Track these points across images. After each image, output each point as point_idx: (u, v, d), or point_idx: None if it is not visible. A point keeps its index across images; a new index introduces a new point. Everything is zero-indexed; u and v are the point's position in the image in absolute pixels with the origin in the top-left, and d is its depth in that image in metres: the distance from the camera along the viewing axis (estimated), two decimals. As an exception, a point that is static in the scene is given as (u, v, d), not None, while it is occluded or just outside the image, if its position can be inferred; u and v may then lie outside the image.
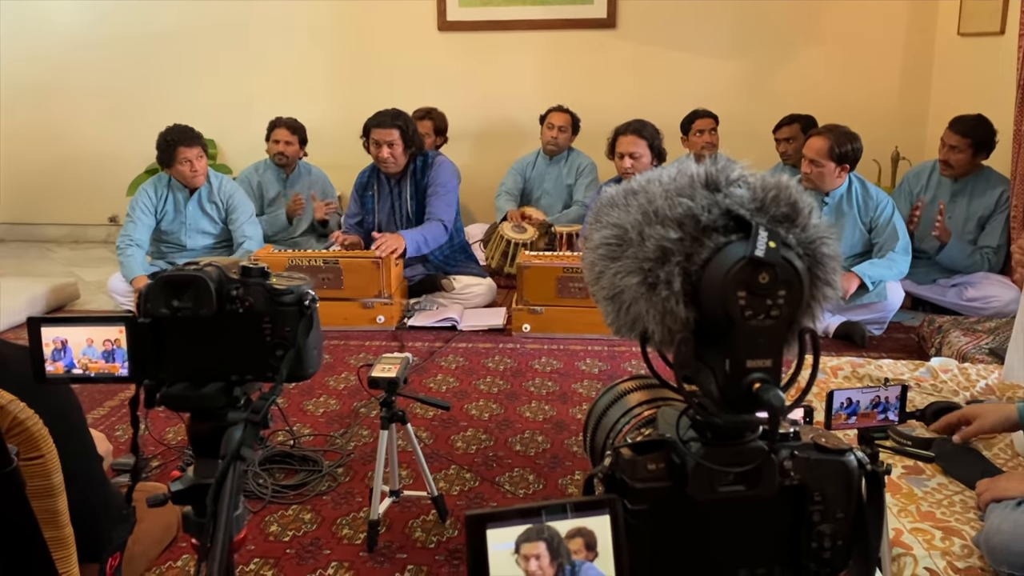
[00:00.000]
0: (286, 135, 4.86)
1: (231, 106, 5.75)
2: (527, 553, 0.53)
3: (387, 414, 2.12)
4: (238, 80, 5.76)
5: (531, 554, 0.53)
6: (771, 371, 0.52)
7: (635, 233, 0.54)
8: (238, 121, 5.69)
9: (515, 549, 0.53)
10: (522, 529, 0.52)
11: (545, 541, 0.53)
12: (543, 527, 0.53)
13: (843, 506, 0.56)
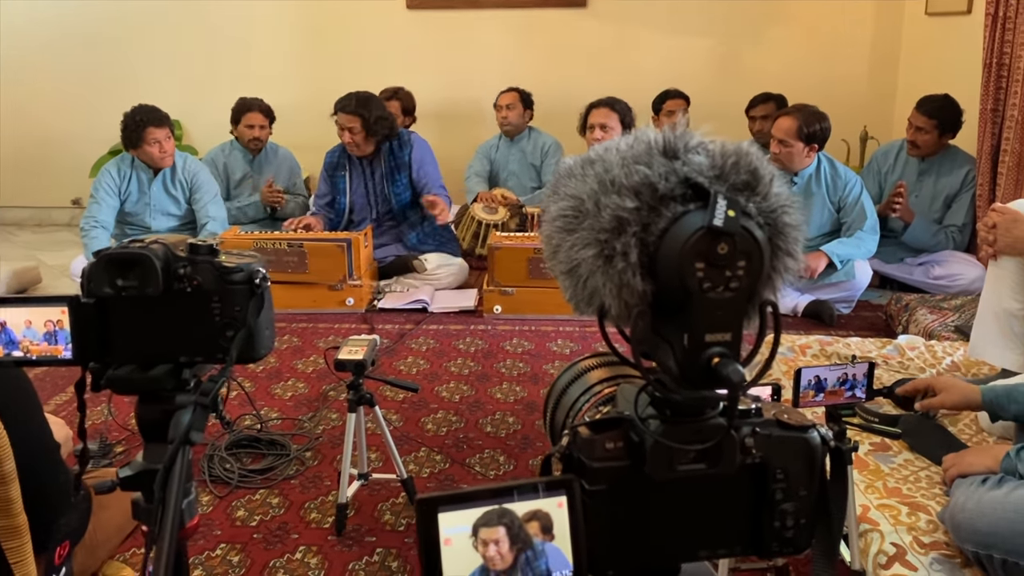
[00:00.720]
0: (260, 119, 4.74)
1: (195, 86, 5.65)
2: (486, 538, 0.51)
3: (355, 397, 2.09)
4: (202, 59, 5.66)
5: (490, 539, 0.51)
6: (731, 345, 0.51)
7: (591, 203, 0.52)
8: (202, 101, 5.59)
9: (472, 533, 0.51)
10: (476, 512, 0.50)
11: (505, 525, 0.51)
12: (504, 510, 0.51)
13: (806, 484, 0.55)
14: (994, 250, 2.44)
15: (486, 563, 0.51)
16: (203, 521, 2.21)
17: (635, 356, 0.51)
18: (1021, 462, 1.70)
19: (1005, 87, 3.73)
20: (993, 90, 3.78)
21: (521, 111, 4.97)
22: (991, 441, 2.23)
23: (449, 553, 0.50)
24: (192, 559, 2.03)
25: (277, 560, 2.04)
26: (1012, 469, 1.71)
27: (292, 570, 2.01)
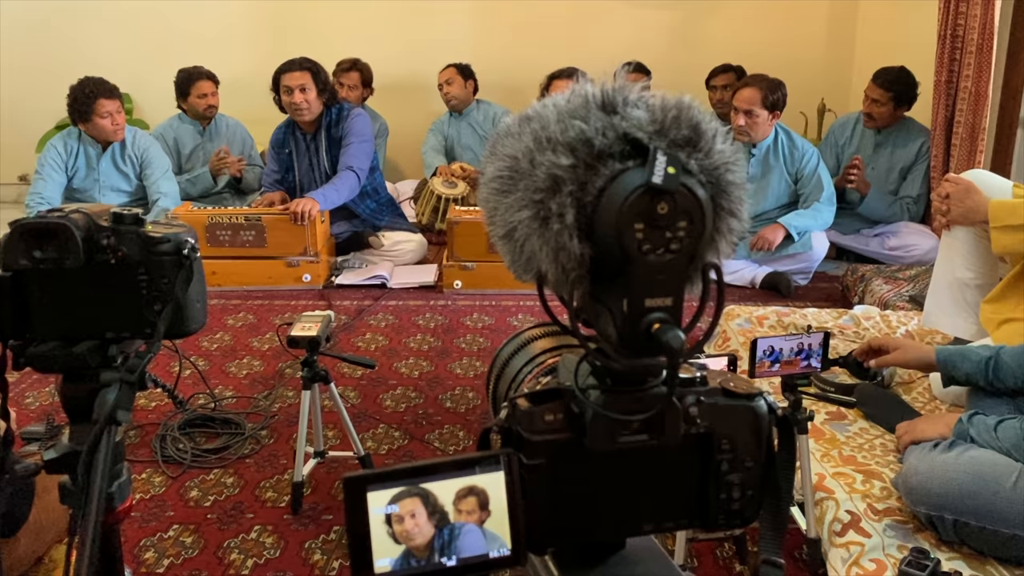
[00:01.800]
0: (210, 87, 4.60)
1: (145, 58, 5.48)
2: (401, 512, 0.49)
3: (309, 374, 2.05)
4: (150, 30, 5.49)
5: (405, 512, 0.49)
6: (672, 310, 0.48)
7: (526, 162, 0.50)
8: (152, 73, 5.42)
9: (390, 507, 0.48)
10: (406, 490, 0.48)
11: (420, 497, 0.49)
12: (418, 485, 0.48)
13: (752, 454, 0.53)
14: (947, 220, 2.46)
15: (400, 539, 0.48)
16: (155, 502, 2.16)
17: (572, 324, 0.48)
18: (972, 427, 1.72)
19: (959, 59, 3.75)
20: (947, 62, 3.81)
21: (462, 84, 4.91)
22: (944, 409, 2.26)
23: (377, 534, 0.47)
24: (143, 541, 1.99)
25: (231, 540, 2.01)
26: (964, 434, 1.73)
27: (247, 550, 1.97)
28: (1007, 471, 1.58)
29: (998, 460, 1.61)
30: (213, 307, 3.66)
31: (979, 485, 1.58)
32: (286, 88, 3.94)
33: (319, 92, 3.94)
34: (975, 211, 2.36)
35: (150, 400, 2.72)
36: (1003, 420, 1.68)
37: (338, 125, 4.07)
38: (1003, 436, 1.64)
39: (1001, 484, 1.57)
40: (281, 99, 3.98)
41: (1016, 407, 1.90)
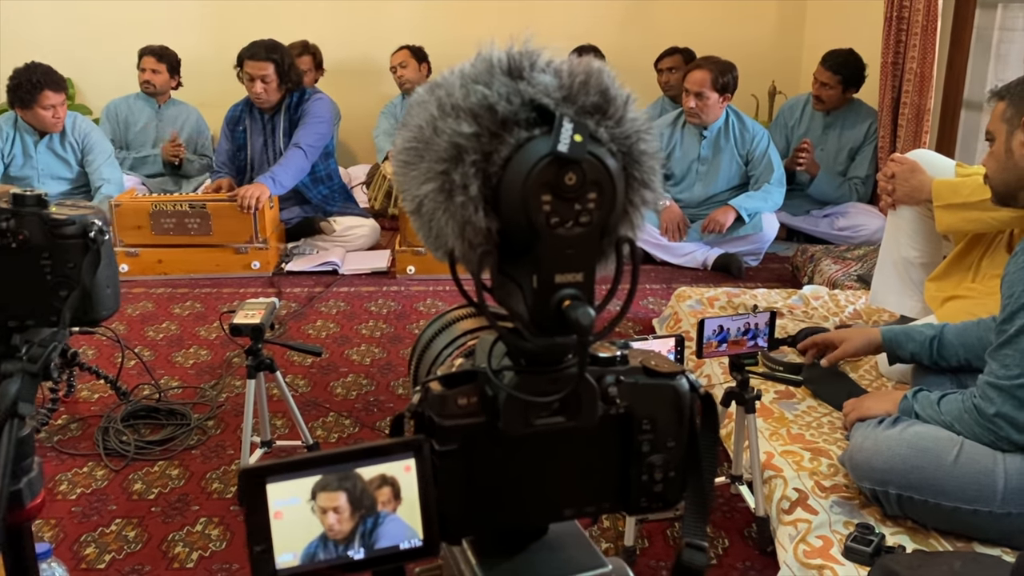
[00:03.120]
0: (152, 63, 4.54)
1: (89, 39, 5.30)
2: (325, 505, 0.46)
3: (254, 363, 2.01)
4: (94, 12, 5.31)
5: (329, 506, 0.46)
6: (583, 286, 0.46)
7: (430, 130, 0.47)
8: (98, 56, 5.26)
9: (311, 497, 0.46)
10: (311, 481, 0.45)
11: (346, 491, 0.46)
12: (346, 474, 0.46)
13: (674, 434, 0.51)
14: (893, 199, 2.49)
15: (326, 532, 0.46)
16: (97, 496, 2.11)
17: (480, 301, 0.46)
18: (917, 403, 1.74)
19: (905, 40, 3.80)
20: (893, 43, 3.85)
21: (416, 67, 4.87)
22: (890, 386, 2.29)
23: (281, 527, 0.45)
24: (83, 536, 1.94)
25: (176, 533, 1.96)
26: (909, 410, 1.75)
27: (192, 543, 1.93)
28: (949, 445, 1.60)
29: (940, 435, 1.63)
30: (159, 296, 3.58)
31: (922, 459, 1.60)
32: (248, 75, 3.89)
33: (280, 82, 3.89)
34: (919, 190, 2.40)
35: (93, 392, 2.65)
36: (946, 394, 1.71)
37: (298, 107, 4.00)
38: (945, 410, 1.66)
39: (943, 458, 1.59)
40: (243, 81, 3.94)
41: (959, 383, 1.94)
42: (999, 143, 1.73)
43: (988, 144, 1.78)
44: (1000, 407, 1.55)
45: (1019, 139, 1.67)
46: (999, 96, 1.74)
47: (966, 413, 1.61)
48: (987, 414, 1.57)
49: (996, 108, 1.74)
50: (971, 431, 1.60)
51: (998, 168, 1.74)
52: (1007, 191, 1.76)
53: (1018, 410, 1.53)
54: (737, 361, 1.80)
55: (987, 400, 1.57)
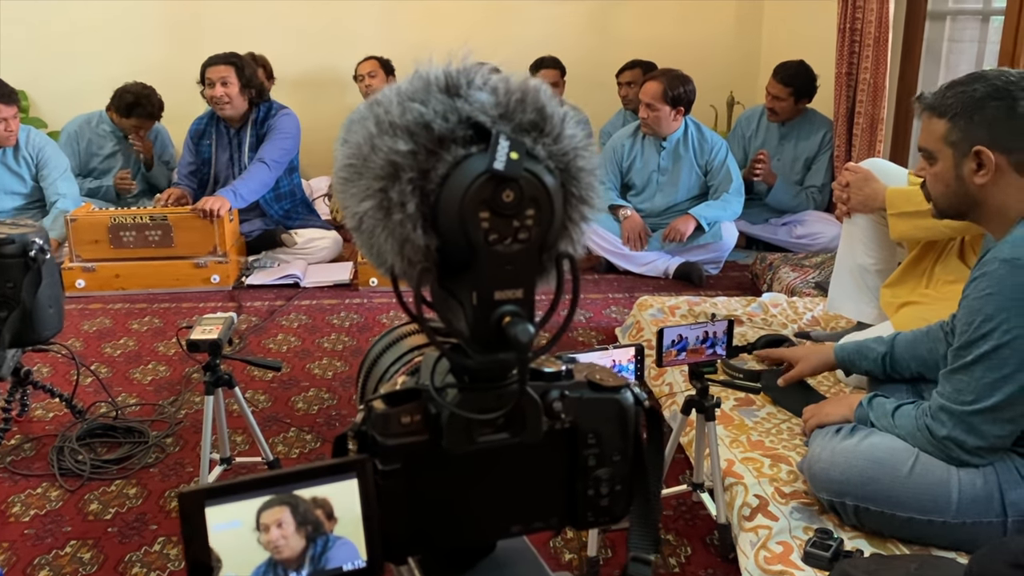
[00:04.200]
0: (148, 124, 4.36)
1: (44, 51, 5.20)
2: (267, 521, 0.46)
3: (211, 378, 1.98)
4: (51, 22, 5.22)
5: (271, 521, 0.46)
6: (523, 302, 0.46)
7: (368, 148, 0.47)
8: (53, 68, 5.16)
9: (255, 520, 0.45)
10: (253, 504, 0.45)
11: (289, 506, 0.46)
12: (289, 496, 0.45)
13: (619, 447, 0.52)
14: (848, 208, 2.53)
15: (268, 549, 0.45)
16: (51, 518, 2.06)
17: (420, 318, 0.46)
18: (872, 411, 1.76)
19: (858, 51, 3.87)
20: (847, 55, 3.92)
21: (384, 78, 4.86)
22: (847, 392, 2.33)
23: (224, 552, 0.44)
24: (37, 559, 1.89)
25: (134, 554, 1.93)
26: (864, 418, 1.78)
27: (150, 563, 1.89)
28: (904, 457, 1.62)
29: (896, 446, 1.65)
30: (117, 312, 3.53)
31: (878, 471, 1.62)
32: (209, 81, 3.89)
33: (242, 87, 3.88)
34: (873, 199, 2.44)
35: (47, 411, 2.60)
36: (900, 406, 1.72)
37: (264, 122, 3.98)
38: (900, 424, 1.68)
39: (898, 470, 1.61)
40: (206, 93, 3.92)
41: (914, 391, 1.97)
42: (945, 167, 1.65)
43: (925, 161, 1.71)
44: (951, 431, 1.56)
45: (970, 167, 1.61)
46: (937, 112, 1.64)
47: (919, 431, 1.62)
48: (938, 436, 1.58)
49: (935, 126, 1.65)
50: (923, 448, 1.61)
51: (946, 192, 1.68)
52: (954, 212, 1.71)
53: (968, 434, 1.55)
54: (696, 369, 1.81)
55: (938, 422, 1.58)
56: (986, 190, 1.62)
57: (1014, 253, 1.51)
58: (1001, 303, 1.50)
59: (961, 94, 1.61)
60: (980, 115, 1.58)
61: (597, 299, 3.65)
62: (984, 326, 1.52)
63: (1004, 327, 1.49)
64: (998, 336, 1.50)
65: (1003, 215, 1.62)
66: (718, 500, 1.84)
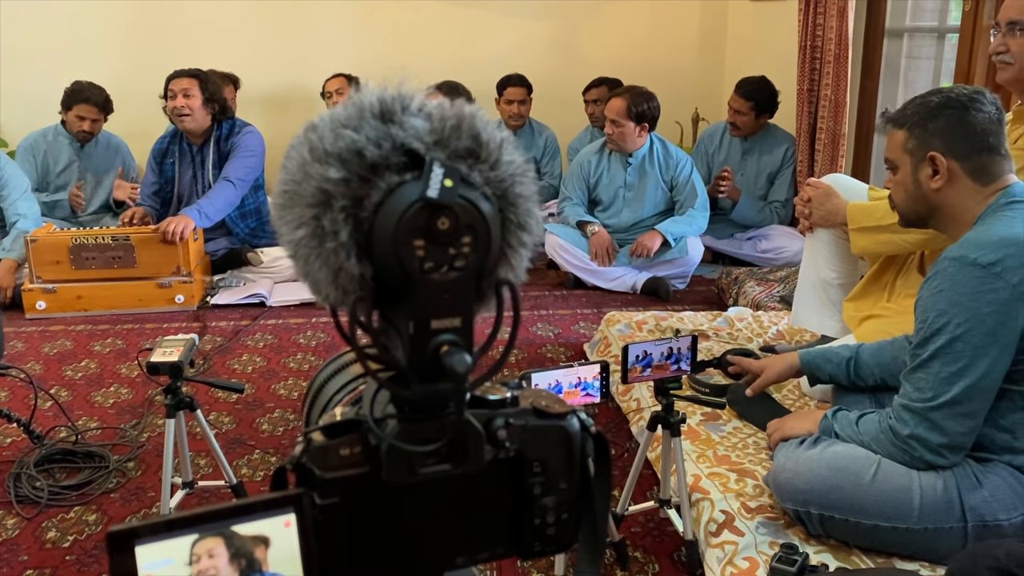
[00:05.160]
0: (93, 112, 4.25)
1: (5, 66, 5.13)
2: (199, 551, 0.44)
3: (173, 401, 1.95)
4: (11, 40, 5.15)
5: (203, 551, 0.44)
6: (461, 331, 0.46)
7: (301, 175, 0.46)
8: (13, 83, 5.09)
9: (189, 560, 0.44)
10: (186, 542, 0.43)
11: (223, 537, 0.45)
12: (224, 532, 0.44)
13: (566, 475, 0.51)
14: (810, 223, 2.56)
15: (198, 579, 0.44)
16: (7, 547, 2.01)
17: (356, 347, 0.45)
18: (837, 423, 1.78)
19: (819, 68, 3.93)
20: (808, 71, 3.98)
21: None
22: (812, 406, 2.35)
23: (155, 593, 0.43)
24: (-8, 591, 1.85)
25: (93, 583, 1.88)
26: (829, 430, 1.79)
27: (109, 592, 1.85)
28: (866, 464, 1.64)
29: (857, 454, 1.67)
30: (79, 334, 3.47)
31: (841, 479, 1.64)
32: (171, 93, 3.85)
33: (205, 101, 3.84)
34: (835, 214, 2.47)
35: (4, 436, 2.54)
36: (864, 414, 1.75)
37: (228, 140, 3.95)
38: (863, 430, 1.70)
39: (861, 477, 1.62)
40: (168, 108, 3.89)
41: (876, 401, 1.99)
42: (904, 174, 1.75)
43: (890, 172, 1.81)
44: (914, 429, 1.59)
45: (926, 173, 1.70)
46: (897, 124, 1.75)
47: (882, 434, 1.65)
48: (901, 435, 1.61)
49: (895, 137, 1.76)
50: (887, 451, 1.64)
51: (906, 198, 1.77)
52: (916, 218, 1.79)
53: (930, 431, 1.58)
54: (662, 385, 1.82)
55: (901, 422, 1.62)
56: (942, 195, 1.70)
57: (962, 251, 1.57)
58: (952, 298, 1.55)
59: (919, 105, 1.72)
60: (934, 123, 1.68)
61: (566, 315, 3.66)
62: (938, 321, 1.57)
63: (956, 321, 1.54)
64: (951, 330, 1.55)
65: (959, 220, 1.70)
66: (685, 516, 1.84)
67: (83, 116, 4.26)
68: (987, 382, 1.55)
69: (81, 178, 4.35)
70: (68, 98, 4.28)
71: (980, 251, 1.54)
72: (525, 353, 3.22)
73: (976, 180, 1.67)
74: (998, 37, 2.15)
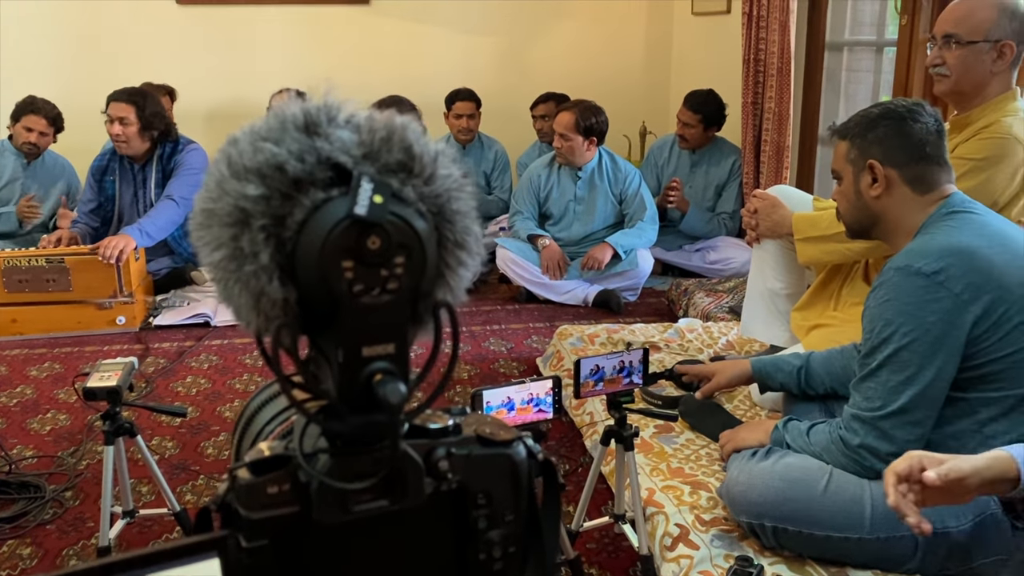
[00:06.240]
0: (41, 124, 4.12)
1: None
2: None
3: (111, 427, 1.88)
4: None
5: None
6: (395, 358, 0.43)
7: (218, 192, 0.43)
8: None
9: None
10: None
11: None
12: (138, 577, 0.41)
13: (512, 506, 0.48)
14: (757, 234, 2.58)
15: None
16: (-66, 586, 1.91)
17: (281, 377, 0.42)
18: (788, 434, 1.78)
19: (762, 81, 3.99)
20: (752, 84, 4.04)
21: None
22: (763, 415, 2.35)
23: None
24: (-83, 633, 1.75)
25: (27, 620, 1.80)
26: (780, 441, 1.79)
27: (44, 630, 1.77)
28: (818, 475, 1.64)
29: (810, 464, 1.67)
30: (13, 358, 3.34)
31: (794, 491, 1.64)
32: (109, 117, 3.75)
33: (142, 127, 3.74)
34: (781, 224, 2.49)
35: (-68, 468, 2.42)
36: (815, 424, 1.75)
37: (171, 158, 3.86)
38: (814, 440, 1.71)
39: (813, 488, 1.62)
40: None
41: (827, 410, 2.00)
42: (847, 183, 1.78)
43: (836, 182, 1.84)
44: (864, 438, 1.60)
45: (866, 181, 1.73)
46: (840, 135, 1.78)
47: (833, 444, 1.65)
48: (852, 445, 1.61)
49: (839, 147, 1.79)
50: (838, 461, 1.64)
51: (849, 207, 1.80)
52: (860, 228, 1.82)
53: (880, 440, 1.58)
54: (614, 399, 1.80)
55: (851, 431, 1.62)
56: (882, 203, 1.73)
57: (906, 261, 1.59)
58: (898, 308, 1.57)
59: (861, 117, 1.76)
60: (873, 133, 1.72)
61: (518, 329, 3.63)
62: (885, 331, 1.58)
63: (902, 331, 1.56)
64: (898, 339, 1.56)
65: (901, 229, 1.73)
66: (640, 531, 1.82)
67: (31, 128, 4.14)
68: (934, 390, 1.56)
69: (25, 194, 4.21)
70: (18, 110, 4.18)
71: (923, 260, 1.56)
72: (478, 369, 3.19)
73: (915, 189, 1.70)
74: (934, 50, 2.20)
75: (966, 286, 1.53)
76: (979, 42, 2.11)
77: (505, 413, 1.66)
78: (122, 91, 3.78)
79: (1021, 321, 1.54)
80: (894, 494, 1.14)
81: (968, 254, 1.56)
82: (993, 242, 1.59)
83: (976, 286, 1.53)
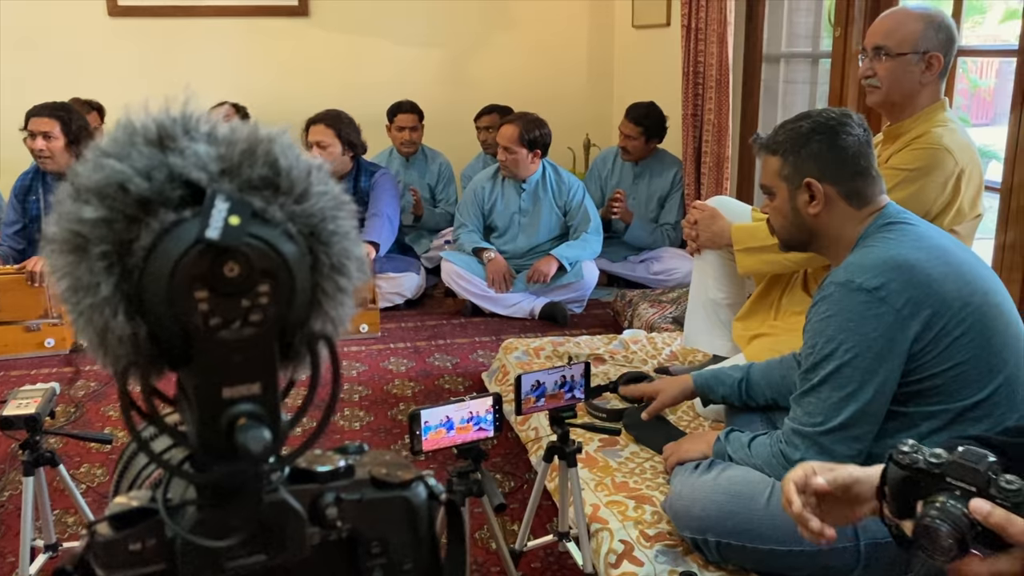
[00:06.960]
0: None
1: None
2: None
3: (30, 457, 1.79)
4: None
5: None
6: (262, 400, 0.38)
7: (57, 215, 0.39)
8: None
9: None
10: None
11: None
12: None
13: (411, 554, 0.44)
14: (697, 244, 2.58)
15: None
16: None
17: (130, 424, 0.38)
18: (730, 445, 1.77)
19: (701, 93, 4.02)
20: (692, 96, 4.07)
21: None
22: (706, 427, 2.35)
23: None
24: None
25: (-61, 665, 1.69)
26: (722, 452, 1.78)
27: (-42, 675, 1.67)
28: (761, 488, 1.63)
29: (752, 477, 1.66)
30: (-66, 385, 3.18)
31: (737, 505, 1.62)
32: (31, 133, 3.58)
33: (68, 143, 3.59)
34: (720, 235, 2.50)
35: None
36: (756, 436, 1.74)
37: None
38: (756, 453, 1.69)
39: (756, 501, 1.61)
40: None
41: (768, 420, 2.00)
42: (782, 200, 1.74)
43: (767, 197, 1.80)
44: (804, 453, 1.58)
45: (803, 199, 1.69)
46: (769, 150, 1.74)
47: (773, 458, 1.64)
48: (792, 459, 1.60)
49: (770, 163, 1.75)
50: (779, 475, 1.63)
51: (785, 224, 1.76)
52: (796, 243, 1.79)
53: (821, 455, 1.57)
54: (556, 415, 1.77)
55: (792, 446, 1.61)
56: (820, 220, 1.71)
57: (847, 276, 1.57)
58: (840, 324, 1.56)
59: (790, 131, 1.72)
60: (807, 150, 1.69)
61: (464, 343, 3.59)
62: (826, 347, 1.57)
63: (844, 347, 1.55)
64: (840, 356, 1.55)
65: (839, 243, 1.71)
66: (584, 549, 1.79)
67: None
68: (875, 406, 1.55)
69: None
70: None
71: (864, 275, 1.55)
72: (422, 385, 3.14)
73: (852, 203, 1.68)
74: (865, 62, 2.22)
75: (906, 301, 1.52)
76: (908, 54, 2.14)
77: (444, 433, 1.62)
78: (43, 106, 3.62)
79: (960, 335, 1.53)
80: (798, 501, 1.12)
81: (908, 268, 1.55)
82: (931, 255, 1.58)
83: (916, 301, 1.52)
